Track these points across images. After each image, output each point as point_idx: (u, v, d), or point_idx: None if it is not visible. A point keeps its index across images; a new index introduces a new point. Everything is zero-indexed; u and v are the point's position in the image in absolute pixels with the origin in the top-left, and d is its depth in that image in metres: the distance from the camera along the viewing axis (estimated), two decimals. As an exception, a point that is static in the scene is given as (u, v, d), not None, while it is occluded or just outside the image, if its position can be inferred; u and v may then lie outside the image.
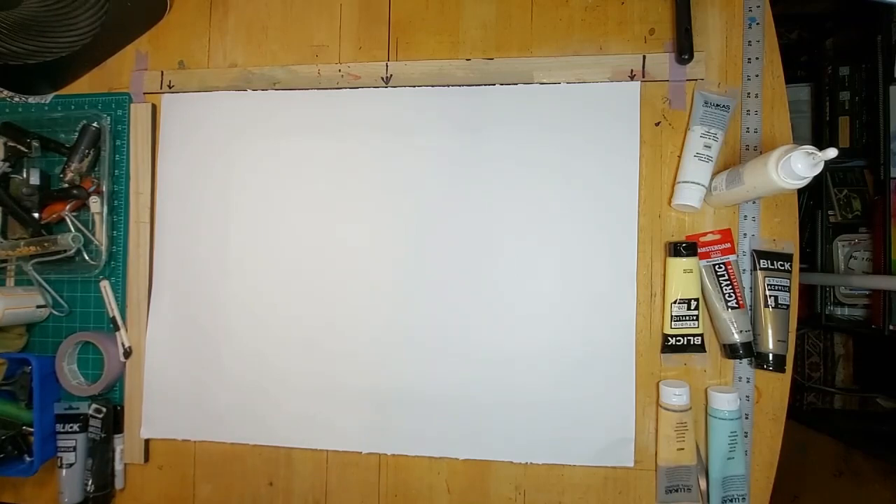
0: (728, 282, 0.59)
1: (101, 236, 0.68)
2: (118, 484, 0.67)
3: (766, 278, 0.58)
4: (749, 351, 0.58)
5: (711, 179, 0.59)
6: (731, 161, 0.61)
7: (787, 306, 0.58)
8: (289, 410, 0.65)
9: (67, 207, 0.68)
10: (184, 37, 0.71)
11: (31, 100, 0.71)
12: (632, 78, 0.62)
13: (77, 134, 0.68)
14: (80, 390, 0.67)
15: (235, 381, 0.66)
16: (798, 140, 0.55)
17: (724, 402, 0.57)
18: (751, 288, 0.60)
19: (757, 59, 0.61)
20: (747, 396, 0.59)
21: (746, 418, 0.59)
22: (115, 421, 0.67)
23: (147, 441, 0.68)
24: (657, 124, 0.62)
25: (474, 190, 0.64)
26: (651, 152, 0.62)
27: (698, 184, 0.58)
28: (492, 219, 0.63)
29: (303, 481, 0.66)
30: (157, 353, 0.68)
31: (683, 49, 0.60)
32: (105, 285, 0.69)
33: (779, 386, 0.60)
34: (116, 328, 0.68)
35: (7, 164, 0.69)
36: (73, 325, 0.70)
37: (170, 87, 0.69)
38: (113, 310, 0.68)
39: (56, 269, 0.68)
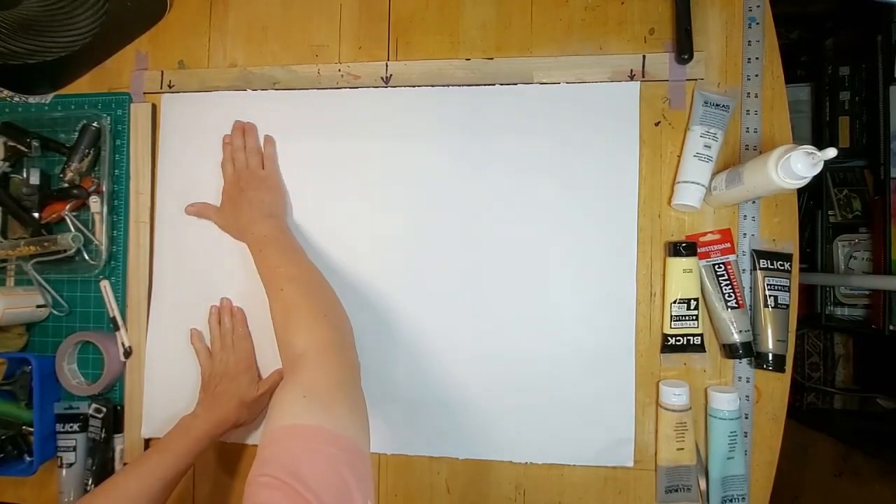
0: (728, 282, 0.59)
1: (101, 236, 0.68)
2: (118, 484, 0.67)
3: (766, 278, 0.58)
4: (749, 351, 0.58)
5: (711, 179, 0.59)
6: (731, 161, 0.61)
7: (787, 306, 0.58)
8: (289, 410, 0.65)
9: (67, 207, 0.68)
10: (184, 37, 0.71)
11: (31, 100, 0.71)
12: (632, 78, 0.62)
13: (77, 134, 0.68)
14: (80, 390, 0.67)
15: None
16: (798, 140, 0.55)
17: (724, 401, 0.57)
18: (750, 288, 0.60)
19: (757, 59, 0.61)
20: (747, 396, 0.59)
21: (746, 418, 0.59)
22: (115, 421, 0.67)
23: (147, 441, 0.68)
24: (657, 124, 0.62)
25: (474, 190, 0.64)
26: (651, 152, 0.62)
27: (698, 184, 0.58)
28: (492, 219, 0.63)
29: (303, 481, 0.66)
30: (157, 353, 0.68)
31: (683, 49, 0.60)
32: (105, 285, 0.69)
33: (779, 386, 0.60)
34: (116, 328, 0.68)
35: (7, 163, 0.69)
36: (73, 325, 0.70)
37: (170, 87, 0.69)
38: (113, 310, 0.68)
39: (56, 269, 0.68)
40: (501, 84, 0.64)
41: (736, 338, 0.58)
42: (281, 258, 0.56)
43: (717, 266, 0.59)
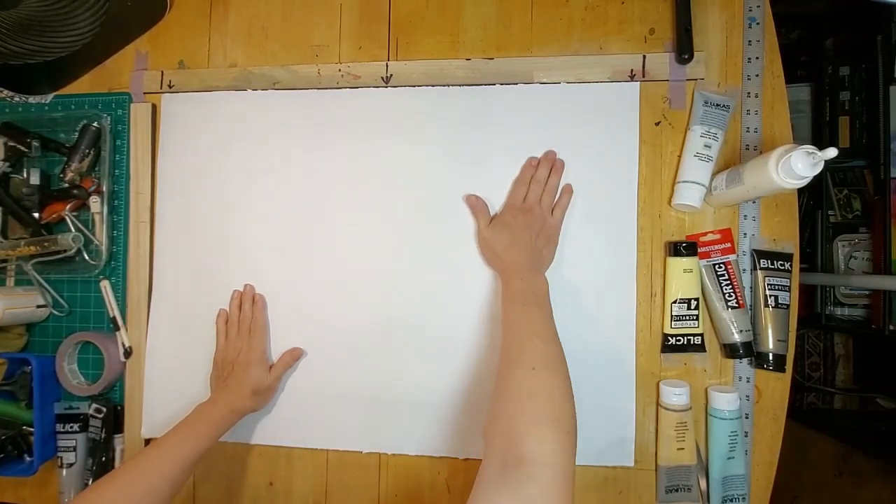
0: (728, 281, 0.59)
1: (101, 236, 0.68)
2: (118, 484, 0.67)
3: (767, 278, 0.58)
4: (749, 351, 0.58)
5: (711, 179, 0.59)
6: (732, 161, 0.61)
7: (787, 306, 0.58)
8: (289, 410, 0.65)
9: (67, 207, 0.68)
10: (184, 37, 0.71)
11: (31, 100, 0.71)
12: (632, 78, 0.62)
13: (77, 134, 0.68)
14: (80, 390, 0.67)
15: (235, 380, 0.66)
16: (798, 140, 0.55)
17: (725, 401, 0.57)
18: (751, 288, 0.60)
19: (757, 58, 0.61)
20: (747, 396, 0.59)
21: (746, 418, 0.59)
22: (115, 421, 0.67)
23: (147, 441, 0.68)
24: (657, 124, 0.62)
25: (474, 189, 0.64)
26: (651, 152, 0.62)
27: (698, 183, 0.58)
28: (492, 219, 0.63)
29: (303, 481, 0.66)
30: (157, 353, 0.68)
31: (683, 49, 0.60)
32: (105, 285, 0.69)
33: (779, 386, 0.60)
34: (116, 328, 0.68)
35: (7, 164, 0.69)
36: (73, 325, 0.70)
37: (170, 87, 0.69)
38: (113, 310, 0.68)
39: (56, 269, 0.68)
40: (501, 84, 0.64)
41: (736, 338, 0.58)
42: None
43: (717, 266, 0.59)
